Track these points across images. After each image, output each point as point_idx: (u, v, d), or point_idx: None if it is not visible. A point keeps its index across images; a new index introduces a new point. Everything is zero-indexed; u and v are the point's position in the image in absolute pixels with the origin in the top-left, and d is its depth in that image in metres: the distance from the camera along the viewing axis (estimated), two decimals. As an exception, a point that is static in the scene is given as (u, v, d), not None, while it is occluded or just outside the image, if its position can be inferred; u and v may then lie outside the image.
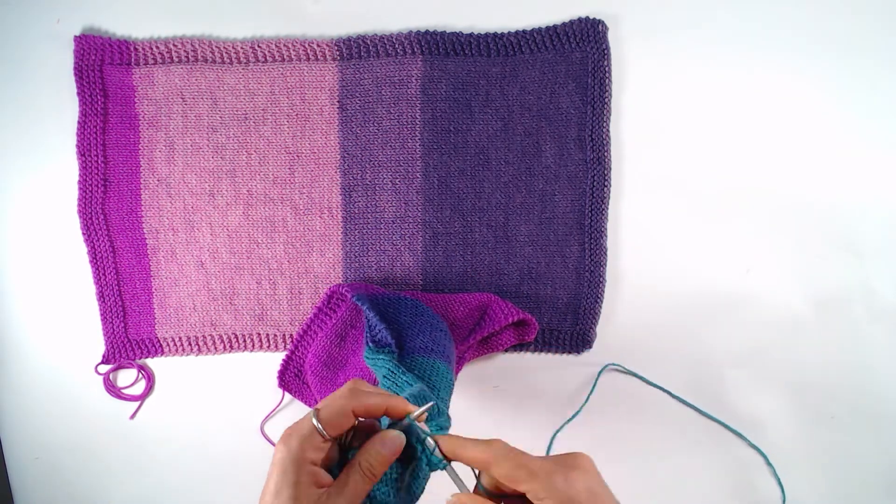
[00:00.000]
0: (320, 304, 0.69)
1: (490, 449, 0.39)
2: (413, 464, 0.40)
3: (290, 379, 0.70)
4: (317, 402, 0.67)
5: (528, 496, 0.38)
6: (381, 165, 0.71)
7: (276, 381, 0.71)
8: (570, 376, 0.72)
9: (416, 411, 0.41)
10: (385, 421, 0.42)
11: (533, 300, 0.72)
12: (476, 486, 0.41)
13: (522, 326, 0.69)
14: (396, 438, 0.39)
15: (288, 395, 0.72)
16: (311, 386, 0.69)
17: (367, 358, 0.58)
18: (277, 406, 0.72)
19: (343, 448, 0.41)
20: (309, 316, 0.70)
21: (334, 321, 0.69)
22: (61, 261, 0.72)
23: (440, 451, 0.40)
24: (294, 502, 0.36)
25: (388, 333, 0.57)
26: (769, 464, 0.70)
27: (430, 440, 0.40)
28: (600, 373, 0.71)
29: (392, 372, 0.53)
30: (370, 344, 0.58)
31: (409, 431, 0.40)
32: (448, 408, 0.53)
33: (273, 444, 0.71)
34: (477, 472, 0.41)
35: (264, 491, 0.38)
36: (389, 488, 0.40)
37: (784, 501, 0.69)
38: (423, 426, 0.41)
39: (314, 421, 0.38)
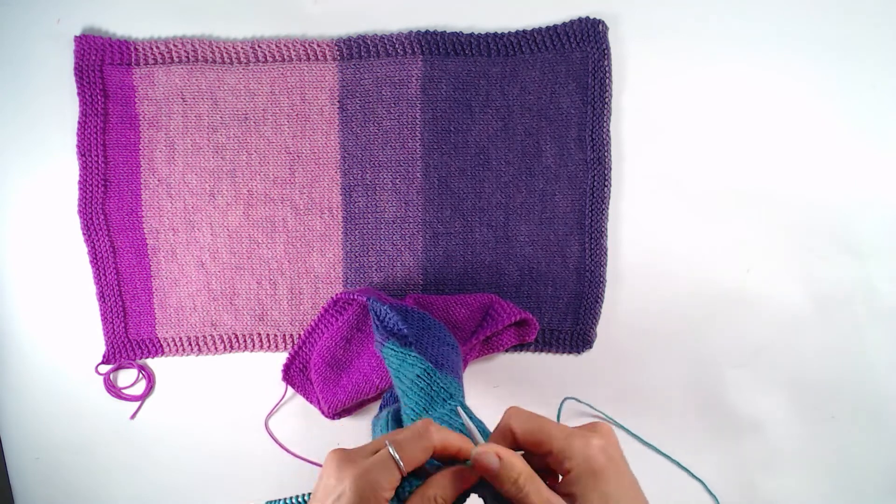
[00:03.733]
0: (327, 306, 0.69)
1: (508, 413, 0.41)
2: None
3: (295, 374, 0.70)
4: (319, 401, 0.67)
5: (550, 460, 0.39)
6: (382, 165, 0.71)
7: (277, 379, 0.70)
8: (570, 376, 0.72)
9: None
10: None
11: (533, 300, 0.72)
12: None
13: (523, 326, 0.69)
14: (472, 476, 0.39)
15: (290, 391, 0.72)
16: (314, 384, 0.69)
17: (395, 351, 0.56)
18: (280, 401, 0.72)
19: None
20: (316, 315, 0.70)
21: (341, 323, 0.68)
22: (61, 261, 0.72)
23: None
24: None
25: (410, 333, 0.56)
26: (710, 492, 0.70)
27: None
28: (561, 405, 0.71)
29: (428, 374, 0.51)
30: (391, 338, 0.57)
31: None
32: None
33: (276, 441, 0.72)
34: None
35: None
36: None
37: None
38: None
39: (392, 452, 0.37)
